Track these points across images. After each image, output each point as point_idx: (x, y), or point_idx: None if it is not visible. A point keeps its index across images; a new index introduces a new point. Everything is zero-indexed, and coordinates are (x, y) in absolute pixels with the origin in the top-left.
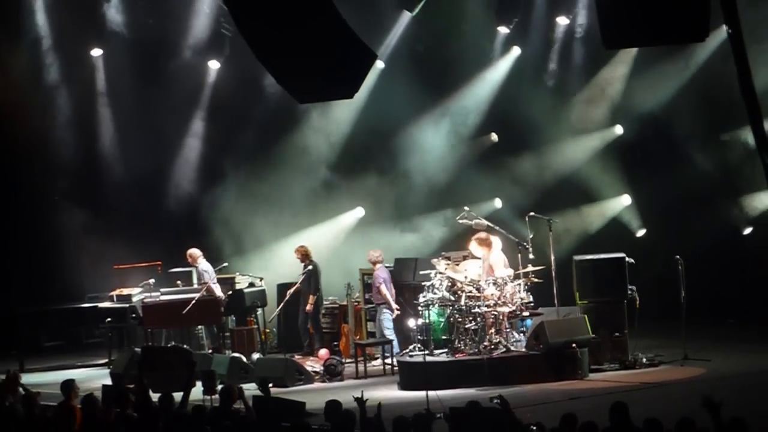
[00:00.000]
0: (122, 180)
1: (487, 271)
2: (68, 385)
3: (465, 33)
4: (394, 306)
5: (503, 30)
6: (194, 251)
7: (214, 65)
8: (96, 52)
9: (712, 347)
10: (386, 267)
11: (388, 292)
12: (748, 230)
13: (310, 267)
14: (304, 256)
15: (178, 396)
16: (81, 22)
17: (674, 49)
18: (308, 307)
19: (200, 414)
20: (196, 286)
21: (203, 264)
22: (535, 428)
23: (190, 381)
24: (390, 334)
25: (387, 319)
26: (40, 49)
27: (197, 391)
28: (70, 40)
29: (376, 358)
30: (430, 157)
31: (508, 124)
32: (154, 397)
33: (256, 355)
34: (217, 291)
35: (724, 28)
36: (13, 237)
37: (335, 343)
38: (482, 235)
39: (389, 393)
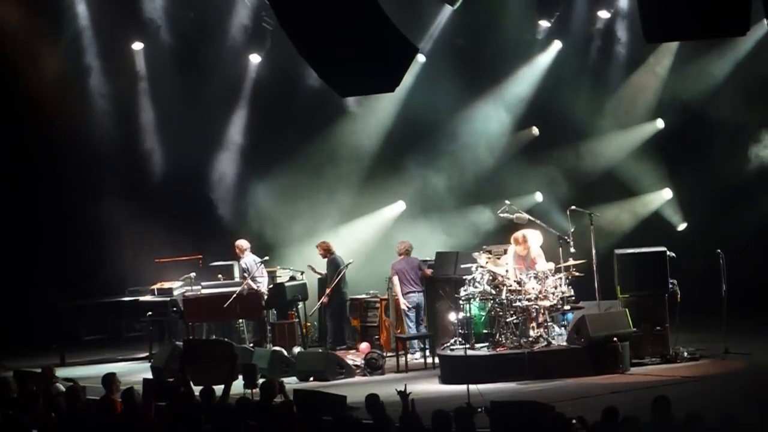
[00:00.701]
0: (164, 173)
1: (529, 266)
2: (110, 379)
3: (506, 27)
4: (402, 301)
5: (544, 24)
6: (242, 242)
7: (255, 59)
8: (137, 46)
9: (753, 341)
10: (410, 259)
11: (400, 284)
12: None
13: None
14: (326, 251)
15: (218, 389)
16: (121, 16)
17: (715, 42)
18: (324, 299)
19: (242, 407)
20: (237, 279)
21: (247, 258)
22: (576, 422)
23: (232, 374)
24: (410, 329)
25: (405, 312)
26: (81, 42)
27: (238, 385)
28: (111, 33)
29: (411, 352)
30: (471, 151)
31: (549, 118)
32: (196, 390)
33: (296, 349)
34: (264, 286)
35: (765, 22)
36: (53, 230)
37: (376, 336)
38: (517, 234)
39: (430, 387)
